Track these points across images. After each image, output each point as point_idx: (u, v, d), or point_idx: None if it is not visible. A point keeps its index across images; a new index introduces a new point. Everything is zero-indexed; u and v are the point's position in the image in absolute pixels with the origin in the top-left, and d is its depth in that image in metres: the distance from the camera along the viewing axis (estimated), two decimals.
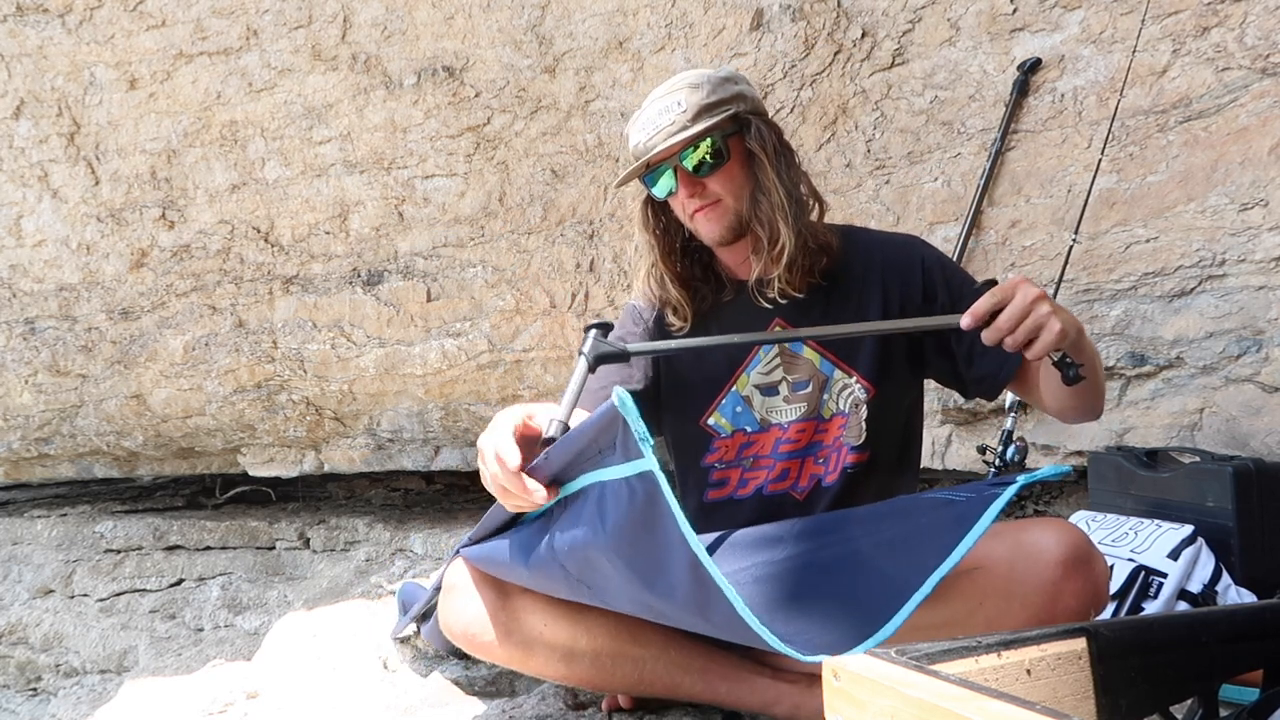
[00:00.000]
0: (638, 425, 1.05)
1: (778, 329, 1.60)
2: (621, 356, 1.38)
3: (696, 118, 1.51)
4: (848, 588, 1.27)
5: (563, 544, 1.24)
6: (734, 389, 1.62)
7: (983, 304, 1.27)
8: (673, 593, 1.14)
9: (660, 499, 1.04)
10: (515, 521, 1.43)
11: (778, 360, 1.62)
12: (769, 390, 1.61)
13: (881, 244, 1.66)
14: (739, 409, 1.62)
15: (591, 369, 1.33)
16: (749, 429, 1.62)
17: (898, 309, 1.59)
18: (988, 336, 1.28)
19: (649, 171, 1.56)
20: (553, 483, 1.25)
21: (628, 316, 1.73)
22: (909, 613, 1.10)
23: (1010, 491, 1.20)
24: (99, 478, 4.84)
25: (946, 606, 1.34)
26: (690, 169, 1.53)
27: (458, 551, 1.55)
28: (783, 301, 1.59)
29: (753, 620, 1.03)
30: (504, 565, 1.41)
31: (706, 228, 1.57)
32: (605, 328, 1.43)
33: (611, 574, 1.22)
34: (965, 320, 1.28)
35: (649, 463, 1.04)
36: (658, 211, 1.66)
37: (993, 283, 1.29)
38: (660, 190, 1.57)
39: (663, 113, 1.52)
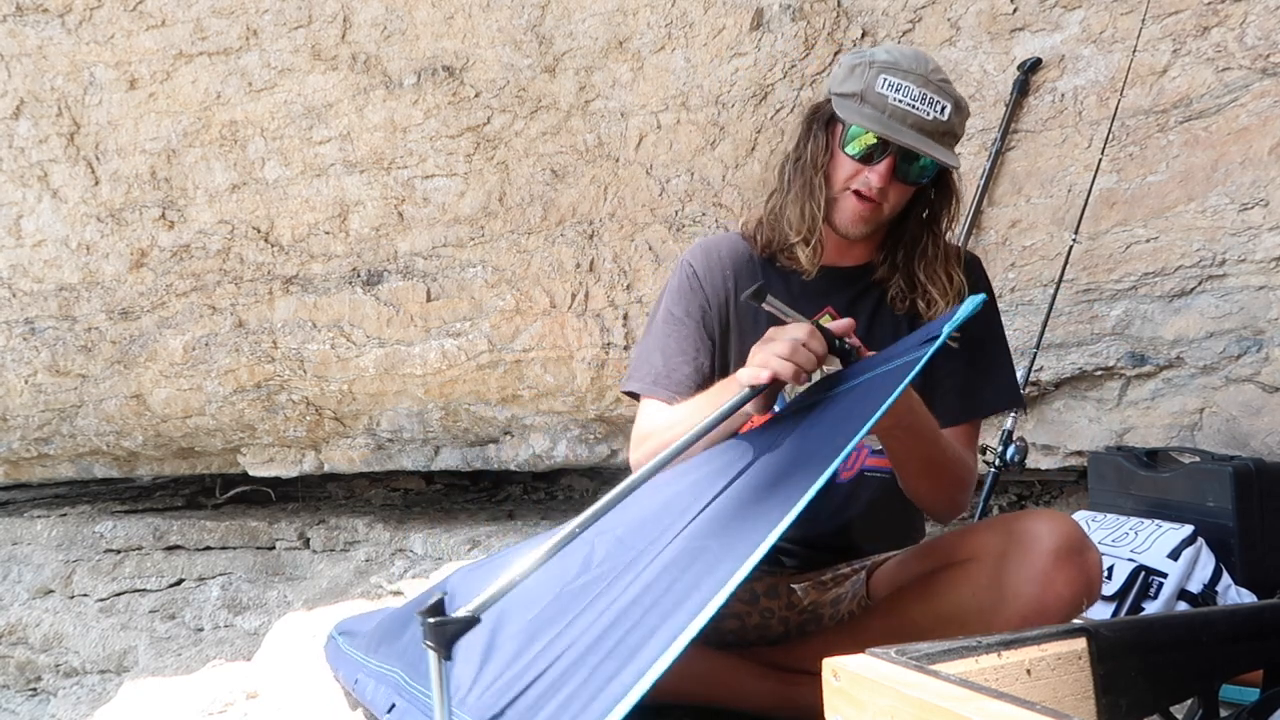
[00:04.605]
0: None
1: (828, 316, 1.56)
2: (472, 623, 1.13)
3: (947, 137, 1.44)
4: (795, 463, 1.22)
5: None
6: None
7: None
8: None
9: None
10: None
11: None
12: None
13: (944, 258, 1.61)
14: None
15: (448, 657, 1.13)
16: (776, 409, 1.61)
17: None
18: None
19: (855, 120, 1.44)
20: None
21: (701, 271, 1.59)
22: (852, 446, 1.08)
23: (932, 349, 1.12)
24: (99, 478, 4.83)
25: (939, 598, 1.34)
26: (903, 166, 1.44)
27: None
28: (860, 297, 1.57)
29: (706, 620, 0.99)
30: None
31: (852, 215, 1.49)
32: (438, 608, 1.12)
33: None
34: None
35: None
36: (819, 141, 1.51)
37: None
38: (854, 146, 1.45)
39: (928, 101, 1.41)
